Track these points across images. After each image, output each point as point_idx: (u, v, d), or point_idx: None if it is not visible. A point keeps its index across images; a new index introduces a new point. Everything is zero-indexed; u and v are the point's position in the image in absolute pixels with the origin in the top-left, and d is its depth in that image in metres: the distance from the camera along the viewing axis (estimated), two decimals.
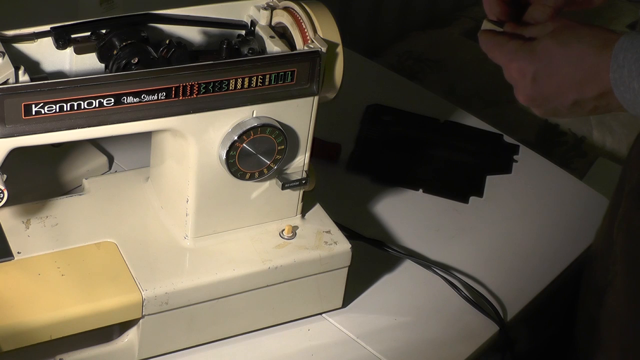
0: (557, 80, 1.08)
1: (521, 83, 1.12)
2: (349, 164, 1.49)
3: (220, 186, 1.15)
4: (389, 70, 1.77)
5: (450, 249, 1.37)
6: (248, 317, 1.20)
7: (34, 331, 1.07)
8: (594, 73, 1.05)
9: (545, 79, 1.09)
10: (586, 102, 1.07)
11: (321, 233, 1.22)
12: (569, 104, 1.09)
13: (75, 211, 1.20)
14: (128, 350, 1.15)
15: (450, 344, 1.25)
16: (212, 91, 1.08)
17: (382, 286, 1.31)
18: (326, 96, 1.17)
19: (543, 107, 1.12)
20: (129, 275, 1.13)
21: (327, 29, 1.14)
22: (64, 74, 1.10)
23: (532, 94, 1.11)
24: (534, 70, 1.09)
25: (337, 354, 1.22)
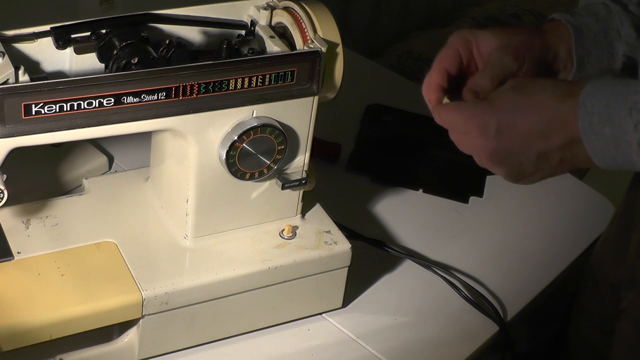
0: (521, 130, 1.05)
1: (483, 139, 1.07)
2: (349, 164, 1.49)
3: (220, 186, 1.15)
4: (389, 70, 1.77)
5: (450, 249, 1.37)
6: (248, 317, 1.20)
7: (34, 331, 1.07)
8: (559, 120, 1.03)
9: (510, 130, 1.06)
10: (552, 154, 1.04)
11: (321, 233, 1.22)
12: (534, 156, 1.05)
13: (75, 211, 1.20)
14: (128, 350, 1.15)
15: (450, 344, 1.25)
16: (212, 91, 1.08)
17: (382, 286, 1.31)
18: (326, 96, 1.17)
19: (507, 163, 1.08)
20: (129, 275, 1.13)
21: (327, 29, 1.14)
22: (64, 74, 1.10)
23: (496, 148, 1.07)
24: (497, 122, 1.06)
25: (337, 354, 1.22)
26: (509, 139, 1.05)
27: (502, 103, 1.07)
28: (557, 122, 1.03)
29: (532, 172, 1.07)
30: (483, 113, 1.07)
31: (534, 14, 2.50)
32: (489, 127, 1.06)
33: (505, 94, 1.07)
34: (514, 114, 1.05)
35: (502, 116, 1.06)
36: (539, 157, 1.05)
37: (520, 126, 1.05)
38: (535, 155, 1.05)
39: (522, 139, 1.05)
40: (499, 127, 1.06)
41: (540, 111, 1.04)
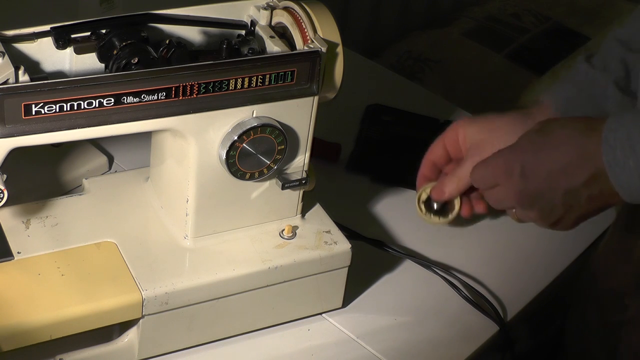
0: (546, 170, 1.06)
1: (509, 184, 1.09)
2: (349, 164, 1.49)
3: (220, 186, 1.15)
4: (389, 70, 1.77)
5: (450, 249, 1.37)
6: (248, 317, 1.20)
7: (34, 331, 1.07)
8: (582, 156, 1.03)
9: (534, 170, 1.07)
10: (578, 191, 1.05)
11: (321, 233, 1.22)
12: (562, 195, 1.06)
13: (75, 211, 1.20)
14: (128, 350, 1.15)
15: (450, 344, 1.25)
16: (212, 91, 1.08)
17: (382, 286, 1.31)
18: (326, 96, 1.17)
19: (536, 206, 1.09)
20: (129, 275, 1.13)
21: (327, 29, 1.14)
22: (64, 74, 1.10)
23: (523, 190, 1.08)
24: (520, 164, 1.07)
25: (337, 354, 1.22)
26: (534, 179, 1.07)
27: (524, 145, 1.08)
28: (580, 158, 1.03)
29: (562, 213, 1.08)
30: (506, 158, 1.09)
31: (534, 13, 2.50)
32: (513, 170, 1.08)
33: (527, 137, 1.09)
34: (536, 154, 1.07)
35: (525, 158, 1.07)
36: (567, 195, 1.05)
37: (544, 165, 1.06)
38: (562, 193, 1.05)
39: (546, 178, 1.06)
40: (523, 169, 1.07)
41: (562, 149, 1.05)
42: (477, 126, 1.27)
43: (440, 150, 1.30)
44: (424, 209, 1.31)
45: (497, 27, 2.43)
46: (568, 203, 1.06)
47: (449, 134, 1.29)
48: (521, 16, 2.49)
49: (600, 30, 2.43)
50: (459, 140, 1.28)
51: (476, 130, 1.26)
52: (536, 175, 1.07)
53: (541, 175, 1.06)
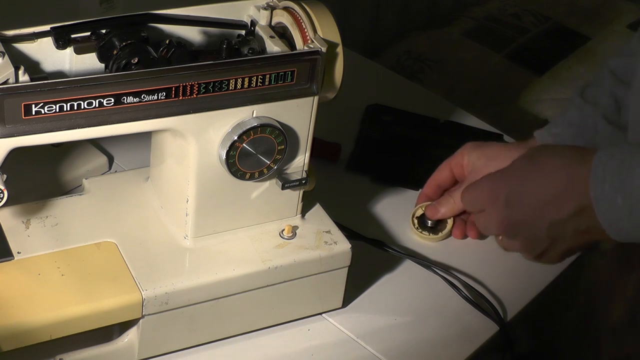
0: (531, 199, 1.02)
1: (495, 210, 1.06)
2: (349, 164, 1.49)
3: (220, 186, 1.15)
4: (389, 70, 1.77)
5: (450, 249, 1.37)
6: (248, 317, 1.20)
7: (34, 331, 1.07)
8: (570, 188, 0.99)
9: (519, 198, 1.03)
10: (564, 224, 1.01)
11: (321, 233, 1.22)
12: (546, 226, 1.02)
13: (75, 211, 1.20)
14: (128, 350, 1.15)
15: (450, 344, 1.25)
16: (212, 91, 1.08)
17: (382, 286, 1.31)
18: (326, 96, 1.17)
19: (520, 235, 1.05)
20: (129, 275, 1.13)
21: (327, 29, 1.14)
22: (64, 74, 1.10)
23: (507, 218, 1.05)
24: (506, 191, 1.04)
25: (337, 354, 1.22)
26: (519, 208, 1.03)
27: (513, 172, 1.05)
28: (568, 190, 0.99)
29: (547, 245, 1.04)
30: (493, 183, 1.07)
31: (534, 13, 2.50)
32: (499, 197, 1.05)
33: (516, 163, 1.06)
34: (523, 182, 1.03)
35: (512, 184, 1.04)
36: (552, 228, 1.02)
37: (530, 194, 1.02)
38: (548, 225, 1.02)
39: (532, 207, 1.02)
40: (508, 196, 1.04)
41: (550, 178, 1.01)
42: (480, 152, 1.29)
43: (446, 172, 1.33)
44: (417, 224, 1.36)
45: (497, 27, 2.43)
46: (553, 236, 1.03)
47: (455, 157, 1.32)
48: (521, 16, 2.49)
49: (600, 31, 2.43)
50: (464, 163, 1.31)
51: (478, 155, 1.29)
52: (521, 204, 1.03)
53: (526, 205, 1.03)
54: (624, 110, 1.21)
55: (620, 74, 1.23)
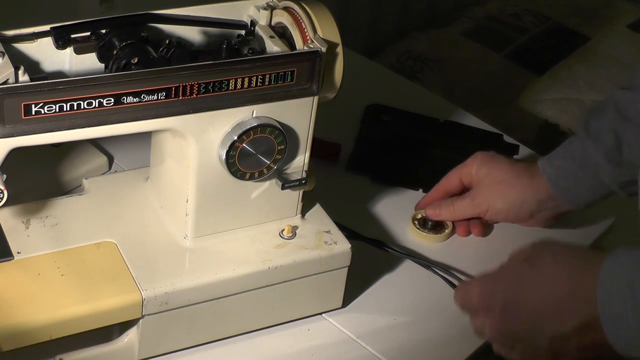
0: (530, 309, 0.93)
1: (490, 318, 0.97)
2: (349, 164, 1.49)
3: (220, 186, 1.15)
4: (389, 70, 1.77)
5: (450, 249, 1.37)
6: (248, 317, 1.20)
7: (34, 331, 1.07)
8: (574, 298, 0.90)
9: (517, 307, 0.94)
10: (568, 338, 0.91)
11: (321, 233, 1.22)
12: (547, 340, 0.92)
13: (75, 211, 1.20)
14: (128, 350, 1.15)
15: (450, 344, 1.25)
16: (212, 91, 1.08)
17: (382, 286, 1.31)
18: (326, 96, 1.17)
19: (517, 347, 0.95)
20: (129, 275, 1.13)
21: (327, 29, 1.14)
22: (64, 74, 1.10)
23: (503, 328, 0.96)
24: (502, 298, 0.96)
25: (337, 354, 1.22)
26: (516, 317, 0.95)
27: (510, 276, 0.97)
28: (572, 301, 0.90)
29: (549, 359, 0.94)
30: (488, 288, 0.99)
31: (534, 13, 2.50)
32: (494, 304, 0.97)
33: (515, 267, 0.98)
34: (522, 289, 0.94)
35: (509, 291, 0.96)
36: (554, 342, 0.92)
37: (529, 304, 0.94)
38: (547, 339, 0.92)
39: (529, 320, 0.94)
40: (505, 304, 0.96)
41: (551, 287, 0.92)
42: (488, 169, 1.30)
43: (455, 179, 1.34)
44: (417, 223, 1.37)
45: (497, 27, 2.43)
46: (555, 349, 0.93)
47: (466, 166, 1.33)
48: (521, 16, 2.48)
49: (600, 30, 2.43)
50: (472, 174, 1.32)
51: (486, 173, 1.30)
52: (518, 314, 0.94)
53: (524, 315, 0.94)
54: (626, 147, 1.20)
55: (622, 108, 1.21)
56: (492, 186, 1.31)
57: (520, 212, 1.33)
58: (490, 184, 1.31)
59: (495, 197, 1.31)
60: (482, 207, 1.33)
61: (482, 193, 1.32)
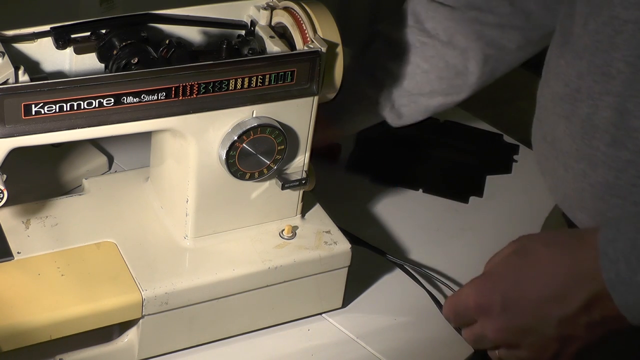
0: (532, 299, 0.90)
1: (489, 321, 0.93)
2: (349, 164, 1.49)
3: (220, 186, 1.15)
4: None
5: (450, 249, 1.37)
6: (248, 317, 1.20)
7: (34, 331, 1.07)
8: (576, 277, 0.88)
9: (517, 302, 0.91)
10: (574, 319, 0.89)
11: (321, 233, 1.22)
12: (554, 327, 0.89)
13: (75, 211, 1.20)
14: (128, 350, 1.15)
15: (450, 344, 1.25)
16: (212, 91, 1.08)
17: (382, 286, 1.31)
18: (326, 96, 1.17)
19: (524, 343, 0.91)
20: (129, 275, 1.13)
21: (327, 29, 1.14)
22: (64, 74, 1.10)
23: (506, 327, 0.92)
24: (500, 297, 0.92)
25: (337, 354, 1.22)
26: (518, 313, 0.92)
27: (503, 273, 0.94)
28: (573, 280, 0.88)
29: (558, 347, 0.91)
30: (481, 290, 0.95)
31: None
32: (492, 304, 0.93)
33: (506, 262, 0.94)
34: (518, 283, 0.91)
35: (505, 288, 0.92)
36: (560, 327, 0.90)
37: (528, 296, 0.91)
38: (556, 324, 0.90)
39: (533, 310, 0.91)
40: (504, 303, 0.92)
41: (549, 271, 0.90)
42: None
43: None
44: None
45: None
46: (564, 335, 0.90)
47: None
48: None
49: None
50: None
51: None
52: (520, 310, 0.91)
53: (526, 307, 0.91)
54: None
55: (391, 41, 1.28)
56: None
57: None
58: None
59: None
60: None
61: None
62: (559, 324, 0.90)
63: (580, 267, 0.88)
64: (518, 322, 0.92)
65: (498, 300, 0.93)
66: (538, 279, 0.91)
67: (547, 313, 0.90)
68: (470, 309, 0.96)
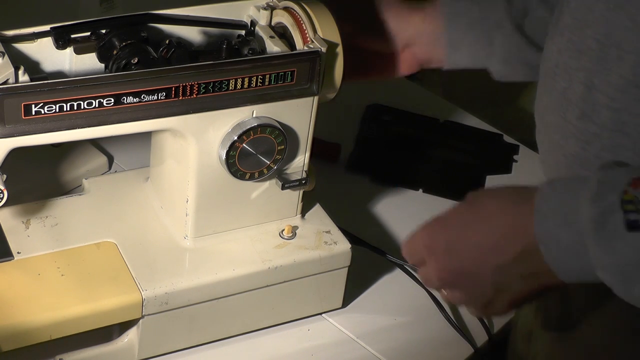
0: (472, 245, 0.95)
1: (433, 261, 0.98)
2: (349, 164, 1.49)
3: (220, 186, 1.15)
4: None
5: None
6: (248, 317, 1.20)
7: (34, 331, 1.07)
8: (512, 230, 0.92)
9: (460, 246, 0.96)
10: (509, 269, 0.93)
11: (321, 233, 1.22)
12: (490, 274, 0.94)
13: (75, 211, 1.20)
14: (128, 350, 1.15)
15: (450, 344, 1.25)
16: (212, 91, 1.08)
17: (382, 286, 1.31)
18: (326, 96, 1.17)
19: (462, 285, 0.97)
20: (129, 275, 1.13)
21: (327, 29, 1.14)
22: (64, 74, 1.10)
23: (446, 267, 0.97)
24: (445, 240, 0.97)
25: (337, 354, 1.22)
26: (459, 256, 0.97)
27: (452, 219, 0.99)
28: (510, 232, 0.93)
29: (492, 295, 0.96)
30: (430, 233, 1.00)
31: None
32: (438, 245, 0.98)
33: (456, 210, 1.00)
34: (464, 228, 0.97)
35: (451, 233, 0.98)
36: (495, 275, 0.94)
37: (471, 241, 0.96)
38: (491, 272, 0.95)
39: (473, 254, 0.96)
40: (448, 245, 0.97)
41: (491, 222, 0.95)
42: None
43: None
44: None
45: None
46: (497, 283, 0.95)
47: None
48: None
49: None
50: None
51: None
52: (461, 252, 0.96)
53: (467, 252, 0.96)
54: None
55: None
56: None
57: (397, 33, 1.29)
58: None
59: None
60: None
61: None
62: (494, 273, 0.95)
63: (518, 220, 0.93)
64: (457, 265, 0.97)
65: (443, 243, 0.98)
66: (480, 228, 0.96)
67: (484, 260, 0.95)
68: (420, 249, 1.01)
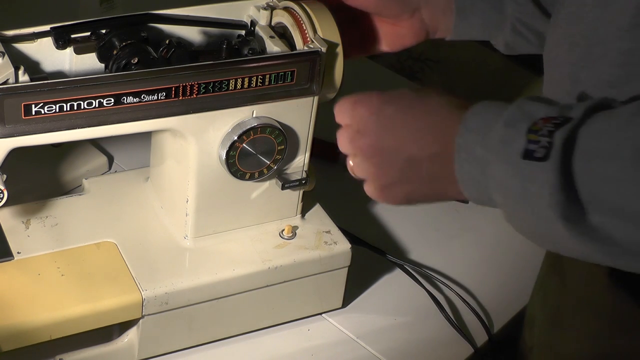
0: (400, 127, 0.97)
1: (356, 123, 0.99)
2: None
3: (220, 186, 1.15)
4: (389, 70, 1.77)
5: (450, 249, 1.37)
6: (248, 317, 1.20)
7: (34, 331, 1.07)
8: (439, 127, 0.95)
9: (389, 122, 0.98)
10: (421, 162, 0.95)
11: (321, 233, 1.22)
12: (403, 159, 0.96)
13: (75, 211, 1.20)
14: (128, 350, 1.15)
15: (450, 344, 1.25)
16: (212, 91, 1.08)
17: (382, 286, 1.31)
18: (326, 96, 1.17)
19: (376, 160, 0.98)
20: (129, 275, 1.13)
21: (327, 29, 1.14)
22: (64, 74, 1.10)
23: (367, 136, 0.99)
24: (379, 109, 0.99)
25: (337, 354, 1.22)
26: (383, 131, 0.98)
27: (397, 97, 1.00)
28: (435, 129, 0.95)
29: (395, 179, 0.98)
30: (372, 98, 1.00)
31: None
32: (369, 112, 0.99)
33: (403, 91, 1.01)
34: (399, 109, 0.99)
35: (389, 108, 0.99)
36: (407, 162, 0.97)
37: (399, 122, 0.98)
38: (403, 160, 0.97)
39: (396, 136, 0.98)
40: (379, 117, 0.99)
41: (424, 113, 0.97)
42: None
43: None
44: None
45: None
46: (405, 171, 0.97)
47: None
48: None
49: None
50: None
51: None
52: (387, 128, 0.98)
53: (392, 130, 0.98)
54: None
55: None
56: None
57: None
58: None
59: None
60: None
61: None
62: (407, 160, 0.97)
63: (446, 122, 0.95)
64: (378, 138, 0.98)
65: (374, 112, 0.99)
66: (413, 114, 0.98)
67: (402, 145, 0.97)
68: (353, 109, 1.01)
